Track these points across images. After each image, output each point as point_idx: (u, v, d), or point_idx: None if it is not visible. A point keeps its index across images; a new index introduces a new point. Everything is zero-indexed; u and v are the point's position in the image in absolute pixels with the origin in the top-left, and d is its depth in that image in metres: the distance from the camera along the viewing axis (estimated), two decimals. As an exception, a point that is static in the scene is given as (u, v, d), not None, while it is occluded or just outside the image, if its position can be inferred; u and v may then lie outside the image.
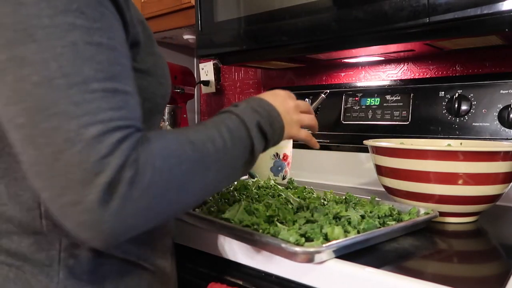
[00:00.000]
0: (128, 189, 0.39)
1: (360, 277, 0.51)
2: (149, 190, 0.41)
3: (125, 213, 0.40)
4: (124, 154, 0.40)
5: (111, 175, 0.39)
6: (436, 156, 0.70)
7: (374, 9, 0.82)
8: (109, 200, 0.39)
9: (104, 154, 0.39)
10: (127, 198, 0.39)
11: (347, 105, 1.17)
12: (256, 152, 0.54)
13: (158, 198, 0.42)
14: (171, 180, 0.43)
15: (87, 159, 0.38)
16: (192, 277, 0.71)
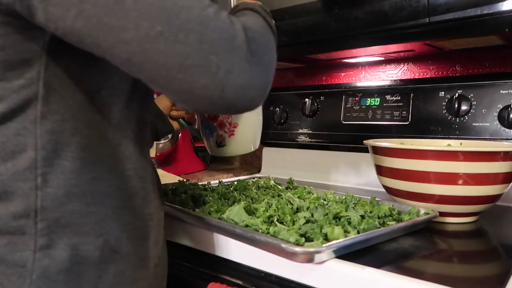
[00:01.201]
0: (256, 46, 0.47)
1: (360, 277, 0.51)
2: (263, 45, 0.49)
3: (261, 67, 0.47)
4: (237, 22, 0.47)
5: (243, 36, 0.46)
6: (436, 156, 0.70)
7: (374, 9, 0.82)
8: (251, 56, 0.46)
9: (229, 23, 0.45)
10: (258, 53, 0.47)
11: (347, 105, 1.17)
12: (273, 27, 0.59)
13: (269, 52, 0.50)
14: (265, 38, 0.51)
15: (223, 30, 0.44)
16: (192, 277, 0.71)
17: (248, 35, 0.47)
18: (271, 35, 0.55)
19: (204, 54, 0.44)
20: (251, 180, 0.99)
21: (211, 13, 0.45)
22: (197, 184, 0.92)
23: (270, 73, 0.50)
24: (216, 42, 0.44)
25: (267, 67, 0.49)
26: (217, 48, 0.44)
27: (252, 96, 0.48)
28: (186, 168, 1.34)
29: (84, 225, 0.50)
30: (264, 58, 0.49)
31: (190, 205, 0.75)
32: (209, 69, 0.44)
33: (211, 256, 0.68)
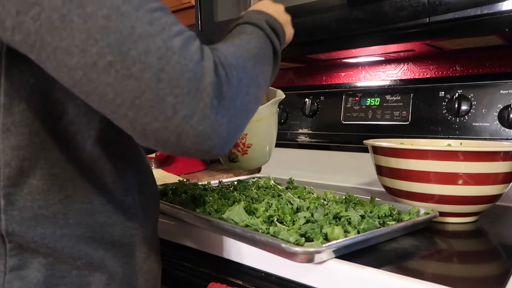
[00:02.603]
0: (228, 88, 0.41)
1: (360, 277, 0.51)
2: (239, 86, 0.43)
3: (232, 112, 0.42)
4: (210, 56, 0.41)
5: (212, 77, 0.40)
6: (436, 156, 0.70)
7: (374, 9, 0.82)
8: (217, 102, 0.40)
9: (197, 59, 0.39)
10: (229, 97, 0.41)
11: (347, 105, 1.17)
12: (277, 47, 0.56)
13: (246, 93, 0.44)
14: (248, 75, 0.45)
15: (187, 68, 0.38)
16: (192, 277, 0.71)
17: (220, 74, 0.41)
18: (262, 65, 0.50)
19: (161, 94, 0.37)
20: (251, 180, 0.99)
21: (177, 45, 0.39)
22: (197, 184, 0.92)
23: (242, 118, 0.44)
24: (176, 81, 0.38)
25: (239, 111, 0.43)
26: (176, 89, 0.38)
27: (213, 145, 0.41)
28: (186, 168, 1.34)
29: (58, 250, 0.45)
30: (237, 102, 0.42)
31: (190, 205, 0.75)
32: (164, 112, 0.38)
33: (211, 256, 0.68)
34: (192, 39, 0.41)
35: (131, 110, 0.38)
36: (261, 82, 0.49)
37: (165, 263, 0.73)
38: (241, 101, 0.43)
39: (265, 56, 0.52)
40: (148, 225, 0.56)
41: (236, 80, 0.43)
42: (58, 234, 0.45)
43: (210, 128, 0.40)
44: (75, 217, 0.46)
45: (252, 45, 0.50)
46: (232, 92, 0.42)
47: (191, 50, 0.39)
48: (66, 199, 0.46)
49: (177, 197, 0.81)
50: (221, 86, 0.41)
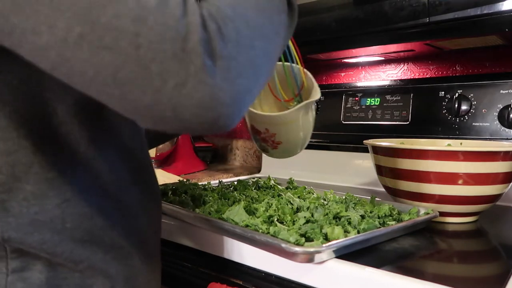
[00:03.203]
0: (223, 43, 0.35)
1: (360, 277, 0.51)
2: (239, 39, 0.36)
3: (234, 72, 0.36)
4: (196, 10, 0.35)
5: (199, 33, 0.34)
6: (436, 156, 0.70)
7: (374, 9, 0.82)
8: (212, 61, 0.34)
9: (179, 15, 0.34)
10: (227, 54, 0.35)
11: (347, 105, 1.16)
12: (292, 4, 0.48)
13: (251, 47, 0.38)
14: (250, 25, 0.38)
15: (167, 27, 0.33)
16: (192, 277, 0.71)
17: (210, 29, 0.35)
18: (270, 13, 0.42)
19: (142, 63, 0.33)
20: (251, 180, 0.99)
21: (153, 2, 0.33)
22: (197, 184, 0.92)
23: (249, 77, 0.37)
24: (156, 45, 0.33)
25: (244, 70, 0.37)
26: (159, 54, 0.33)
27: (217, 115, 0.35)
28: (186, 168, 1.34)
29: (58, 254, 0.44)
30: (239, 59, 0.36)
31: (190, 205, 0.75)
32: (152, 83, 0.33)
33: (211, 256, 0.68)
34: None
35: (115, 87, 0.34)
36: (269, 33, 0.41)
37: (165, 263, 0.73)
38: (245, 57, 0.37)
39: (274, 2, 0.44)
40: (149, 225, 0.55)
41: (233, 33, 0.36)
42: (56, 239, 0.44)
43: (209, 95, 0.34)
44: (73, 222, 0.44)
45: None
46: (230, 48, 0.36)
47: (171, 5, 0.34)
48: (64, 204, 0.44)
49: (177, 197, 0.81)
50: (214, 42, 0.35)
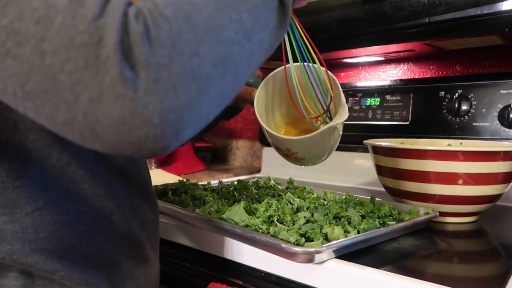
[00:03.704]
0: (149, 49, 0.29)
1: (360, 277, 0.51)
2: (176, 45, 0.30)
3: (164, 85, 0.29)
4: (119, 8, 0.29)
5: (116, 37, 0.28)
6: (436, 156, 0.70)
7: (374, 9, 0.82)
8: (133, 72, 0.28)
9: (93, 16, 0.28)
10: (155, 62, 0.29)
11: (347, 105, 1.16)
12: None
13: (193, 54, 0.31)
14: (196, 26, 0.32)
15: (76, 30, 0.28)
16: (192, 277, 0.71)
17: (133, 31, 0.29)
18: (239, 9, 0.36)
19: (50, 73, 0.28)
20: (251, 180, 0.99)
21: (62, 2, 0.28)
22: (197, 184, 0.92)
23: (189, 90, 0.31)
24: (64, 52, 0.28)
25: (180, 82, 0.30)
26: (67, 63, 0.28)
27: (143, 136, 0.30)
28: (186, 168, 1.34)
29: (31, 265, 0.41)
30: (173, 68, 0.30)
31: (190, 205, 0.75)
32: (62, 96, 0.28)
33: (211, 256, 0.68)
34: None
35: (27, 100, 0.29)
36: (233, 36, 0.34)
37: (165, 263, 0.73)
38: (183, 67, 0.30)
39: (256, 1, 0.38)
40: (141, 229, 0.52)
41: (167, 36, 0.30)
42: (27, 250, 0.41)
43: (129, 112, 0.28)
44: (47, 231, 0.41)
45: None
46: (161, 55, 0.29)
47: (86, 3, 0.28)
48: (36, 212, 0.41)
49: (177, 197, 0.81)
50: (137, 48, 0.29)
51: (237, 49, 0.35)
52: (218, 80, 0.34)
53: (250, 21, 0.37)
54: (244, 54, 0.36)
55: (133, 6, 0.31)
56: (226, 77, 0.35)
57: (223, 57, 0.34)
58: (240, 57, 0.36)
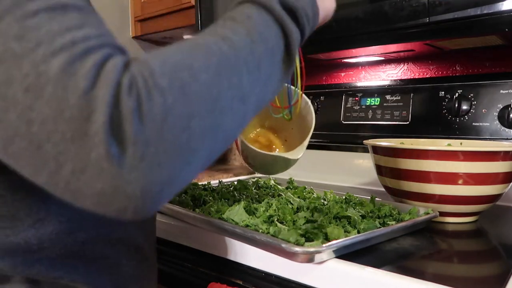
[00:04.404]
0: (139, 126, 0.28)
1: (360, 277, 0.51)
2: (167, 119, 0.29)
3: (150, 161, 0.29)
4: (112, 79, 0.28)
5: (107, 113, 0.27)
6: (436, 156, 0.70)
7: (374, 9, 0.82)
8: (120, 149, 0.28)
9: (85, 88, 0.27)
10: (143, 139, 0.28)
11: (347, 105, 1.16)
12: (292, 37, 0.40)
13: (184, 129, 0.30)
14: (191, 97, 0.31)
15: (66, 103, 0.27)
16: (192, 277, 0.71)
17: (125, 106, 0.28)
18: (242, 74, 0.35)
19: (35, 141, 0.28)
20: (251, 180, 0.99)
21: (55, 68, 0.27)
22: (197, 184, 0.92)
23: (173, 166, 0.30)
24: (52, 124, 0.27)
25: (168, 157, 0.30)
26: (54, 134, 0.27)
27: (123, 208, 0.30)
28: (186, 168, 1.34)
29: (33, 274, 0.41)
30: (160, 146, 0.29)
31: (190, 205, 0.75)
32: (46, 164, 0.28)
33: (211, 256, 0.68)
34: (87, 54, 0.29)
35: (9, 158, 0.30)
36: (229, 104, 0.34)
37: (165, 263, 0.73)
38: (172, 142, 0.29)
39: (260, 57, 0.37)
40: (140, 231, 0.52)
41: (160, 110, 0.29)
42: (30, 261, 0.40)
43: (111, 186, 0.28)
44: (50, 240, 0.41)
45: (231, 43, 0.35)
46: (150, 131, 0.28)
47: (78, 73, 0.28)
48: (38, 223, 0.40)
49: (177, 197, 0.81)
50: (126, 125, 0.28)
51: (230, 117, 0.35)
52: (205, 150, 0.33)
53: (250, 83, 0.36)
54: (237, 119, 0.36)
55: (128, 72, 0.30)
56: (214, 146, 0.34)
57: (214, 127, 0.33)
58: (232, 124, 0.35)
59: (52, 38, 0.29)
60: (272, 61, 0.39)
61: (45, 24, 0.29)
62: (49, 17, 0.29)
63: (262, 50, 0.37)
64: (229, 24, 0.38)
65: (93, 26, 0.31)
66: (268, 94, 0.40)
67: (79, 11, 0.32)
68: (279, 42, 0.39)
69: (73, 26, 0.30)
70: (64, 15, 0.30)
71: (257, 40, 0.37)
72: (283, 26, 0.40)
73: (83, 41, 0.29)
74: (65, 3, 0.31)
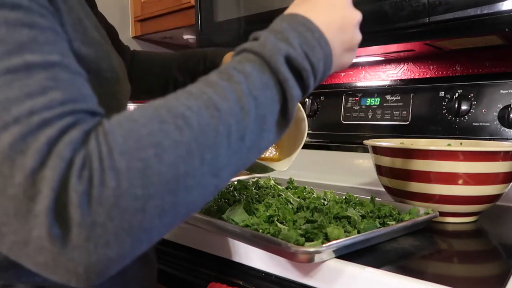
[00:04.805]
0: (86, 209, 0.27)
1: (360, 277, 0.51)
2: (119, 202, 0.28)
3: (96, 241, 0.27)
4: (63, 159, 0.27)
5: (52, 196, 0.26)
6: (436, 156, 0.70)
7: (374, 9, 0.82)
8: (63, 231, 0.27)
9: (32, 167, 0.26)
10: (90, 222, 0.27)
11: (347, 105, 1.16)
12: (292, 102, 0.37)
13: (138, 211, 0.28)
14: (151, 180, 0.29)
15: (11, 181, 0.27)
16: (192, 277, 0.71)
17: (72, 189, 0.27)
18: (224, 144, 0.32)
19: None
20: (251, 180, 0.99)
21: (5, 142, 0.27)
22: (197, 184, 0.92)
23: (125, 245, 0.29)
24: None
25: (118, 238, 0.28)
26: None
27: (67, 281, 0.29)
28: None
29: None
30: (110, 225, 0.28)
31: (190, 205, 0.75)
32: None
33: (211, 256, 0.68)
34: (42, 128, 0.27)
35: None
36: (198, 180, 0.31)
37: (166, 263, 0.73)
38: (120, 224, 0.28)
39: (247, 127, 0.34)
40: None
41: (110, 194, 0.27)
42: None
43: (54, 262, 0.27)
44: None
45: (215, 114, 0.32)
46: (98, 214, 0.27)
47: (28, 151, 0.27)
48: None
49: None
50: (72, 209, 0.27)
51: (197, 193, 0.32)
52: (163, 227, 0.31)
53: (228, 156, 0.33)
54: (206, 193, 0.33)
55: (84, 148, 0.28)
56: (174, 221, 0.32)
57: (176, 205, 0.30)
58: (199, 198, 0.33)
59: (6, 108, 0.27)
60: (262, 129, 0.35)
61: (1, 90, 0.27)
62: (9, 81, 0.28)
63: (253, 118, 0.34)
64: (222, 84, 0.34)
65: (60, 88, 0.29)
66: (250, 159, 0.36)
67: (47, 70, 0.29)
68: (275, 107, 0.36)
69: (35, 91, 0.28)
70: (27, 78, 0.28)
71: (248, 108, 0.34)
72: (285, 90, 0.36)
73: (42, 110, 0.28)
74: (30, 63, 0.29)
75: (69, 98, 0.29)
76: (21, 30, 0.29)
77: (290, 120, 0.38)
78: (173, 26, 1.33)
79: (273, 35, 0.38)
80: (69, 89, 0.30)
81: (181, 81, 0.78)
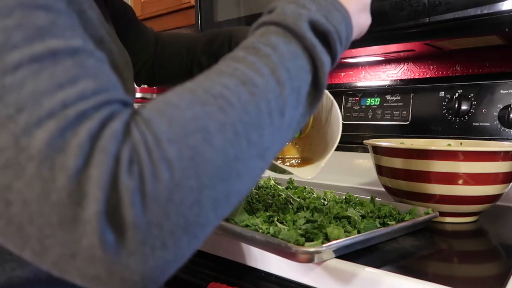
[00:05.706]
0: (140, 209, 0.24)
1: (360, 277, 0.51)
2: (173, 196, 0.25)
3: (152, 243, 0.25)
4: (109, 154, 0.24)
5: (102, 198, 0.24)
6: (436, 156, 0.70)
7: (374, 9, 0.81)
8: (116, 236, 0.24)
9: (76, 167, 0.23)
10: (144, 223, 0.25)
11: (347, 105, 1.16)
12: (322, 70, 0.35)
13: (193, 205, 0.26)
14: (203, 167, 0.26)
15: (52, 185, 0.23)
16: (192, 277, 0.71)
17: (124, 188, 0.24)
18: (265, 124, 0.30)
19: (15, 222, 0.24)
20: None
21: (39, 142, 0.23)
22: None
23: (182, 245, 0.27)
24: (34, 207, 0.23)
25: (175, 237, 0.26)
26: (38, 218, 0.24)
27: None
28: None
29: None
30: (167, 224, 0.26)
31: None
32: (29, 245, 0.25)
33: (211, 256, 0.68)
34: (80, 122, 0.24)
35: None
36: (247, 164, 0.29)
37: (165, 263, 0.73)
38: (176, 221, 0.26)
39: (285, 100, 0.32)
40: None
41: (165, 188, 0.25)
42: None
43: (107, 273, 0.25)
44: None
45: (253, 90, 0.30)
46: (153, 213, 0.25)
47: (69, 148, 0.23)
48: None
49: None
50: (125, 210, 0.24)
51: (247, 178, 0.30)
52: (214, 222, 0.29)
53: (272, 135, 0.31)
54: (254, 177, 0.31)
55: (129, 139, 0.25)
56: (225, 212, 0.30)
57: (228, 194, 0.29)
58: (248, 184, 0.31)
59: (37, 101, 0.24)
60: (298, 101, 0.34)
61: (29, 81, 0.24)
62: (35, 71, 0.24)
63: (289, 92, 0.32)
64: (252, 59, 0.32)
65: (91, 76, 0.26)
66: (289, 138, 0.35)
67: (73, 56, 0.26)
68: (307, 77, 0.34)
69: (65, 81, 0.25)
70: (54, 66, 0.25)
71: (283, 81, 0.32)
72: (314, 57, 0.35)
73: (76, 101, 0.25)
74: (54, 49, 0.25)
75: (102, 87, 0.27)
76: (37, 13, 0.26)
77: (322, 91, 0.36)
78: (173, 26, 1.33)
79: (289, 3, 0.36)
80: (99, 77, 0.27)
81: (205, 65, 0.73)
